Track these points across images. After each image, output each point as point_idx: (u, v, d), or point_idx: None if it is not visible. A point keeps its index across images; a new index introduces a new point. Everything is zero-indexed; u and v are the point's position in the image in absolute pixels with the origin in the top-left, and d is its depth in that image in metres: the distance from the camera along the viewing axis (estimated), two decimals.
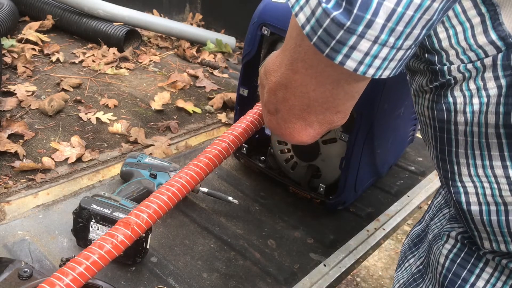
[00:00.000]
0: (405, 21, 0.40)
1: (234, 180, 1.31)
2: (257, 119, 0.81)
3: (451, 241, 0.62)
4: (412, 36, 0.42)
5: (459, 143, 0.53)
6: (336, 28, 0.41)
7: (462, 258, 0.60)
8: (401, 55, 0.43)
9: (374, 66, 0.43)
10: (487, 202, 0.53)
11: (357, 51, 0.42)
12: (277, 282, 0.99)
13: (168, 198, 0.71)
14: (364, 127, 1.06)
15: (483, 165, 0.52)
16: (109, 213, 0.93)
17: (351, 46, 0.42)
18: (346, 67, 0.43)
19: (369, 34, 0.41)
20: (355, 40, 0.41)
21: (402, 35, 0.41)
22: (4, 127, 1.33)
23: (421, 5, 0.40)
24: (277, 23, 1.08)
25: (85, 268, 0.62)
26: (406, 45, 0.43)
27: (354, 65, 0.43)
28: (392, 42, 0.42)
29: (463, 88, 0.50)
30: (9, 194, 1.12)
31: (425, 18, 0.41)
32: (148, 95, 1.71)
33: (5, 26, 1.83)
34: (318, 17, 0.42)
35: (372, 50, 0.42)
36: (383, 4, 0.39)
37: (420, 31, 0.42)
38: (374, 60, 0.43)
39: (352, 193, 1.19)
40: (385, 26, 0.41)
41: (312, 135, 0.56)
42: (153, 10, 2.45)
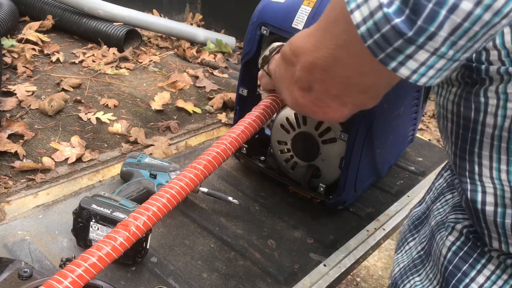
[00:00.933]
0: (469, 36, 0.40)
1: (234, 180, 1.31)
2: (256, 121, 0.82)
3: (455, 233, 0.62)
4: (471, 50, 0.42)
5: (483, 144, 0.52)
6: (395, 36, 0.40)
7: (465, 252, 0.60)
8: (455, 65, 0.43)
9: (428, 76, 0.43)
10: (504, 204, 0.52)
11: (413, 60, 0.41)
12: (277, 282, 0.99)
13: (167, 200, 0.71)
14: (364, 127, 1.06)
15: (507, 170, 0.50)
16: (109, 213, 0.93)
17: (408, 55, 0.41)
18: (399, 74, 0.43)
19: (429, 46, 0.40)
20: (413, 50, 0.41)
21: (463, 48, 0.41)
22: (4, 127, 1.33)
23: (489, 22, 0.39)
24: (276, 23, 1.08)
25: (84, 270, 0.62)
26: (463, 58, 0.42)
27: (407, 73, 0.43)
28: (451, 54, 0.41)
29: (499, 91, 0.48)
30: (9, 194, 1.12)
31: (489, 34, 0.40)
32: (148, 95, 1.71)
33: (5, 26, 1.84)
34: (377, 21, 0.40)
35: (429, 61, 0.41)
36: (449, 17, 0.38)
37: (480, 44, 0.41)
38: (428, 70, 0.42)
39: (352, 193, 1.19)
40: (447, 40, 0.40)
41: (345, 114, 0.56)
42: (153, 10, 2.45)
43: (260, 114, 0.83)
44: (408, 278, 0.70)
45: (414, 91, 1.25)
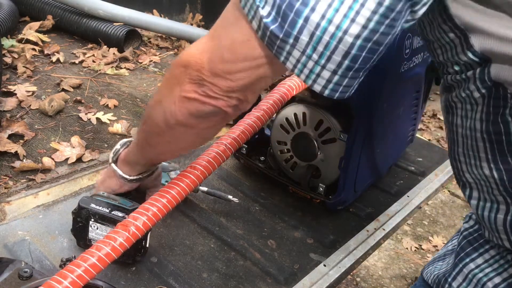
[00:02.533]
0: (323, 44, 0.50)
1: (234, 180, 1.31)
2: (255, 121, 0.82)
3: (471, 222, 0.70)
4: (333, 61, 0.51)
5: (458, 143, 0.59)
6: (275, 38, 0.53)
7: (473, 237, 0.67)
8: (327, 75, 0.52)
9: (304, 73, 0.53)
10: (484, 198, 0.59)
11: (292, 57, 0.53)
12: (277, 282, 0.99)
13: (167, 201, 0.71)
14: (363, 127, 1.06)
15: (475, 164, 0.57)
16: (107, 212, 0.93)
17: (288, 51, 0.53)
18: (286, 66, 0.55)
19: (299, 46, 0.51)
20: (289, 48, 0.52)
21: (323, 55, 0.51)
22: (4, 127, 1.33)
23: (334, 35, 0.49)
24: None
25: (84, 271, 0.62)
26: (330, 68, 0.51)
27: (291, 67, 0.54)
28: (315, 58, 0.51)
29: (458, 95, 0.56)
30: (9, 194, 1.12)
31: (341, 48, 0.49)
32: (148, 95, 1.71)
33: (5, 26, 1.84)
34: (263, 28, 0.53)
35: (302, 59, 0.52)
36: (306, 26, 0.50)
37: (341, 59, 0.50)
38: (303, 68, 0.53)
39: (351, 193, 1.19)
40: (309, 44, 0.50)
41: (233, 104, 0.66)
42: (153, 10, 2.45)
43: (259, 114, 0.84)
44: (433, 263, 0.78)
45: (413, 92, 1.25)
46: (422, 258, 2.26)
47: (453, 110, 0.58)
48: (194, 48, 0.64)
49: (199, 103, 0.63)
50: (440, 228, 2.51)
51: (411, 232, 2.46)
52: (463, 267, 0.67)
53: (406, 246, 2.34)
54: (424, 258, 2.26)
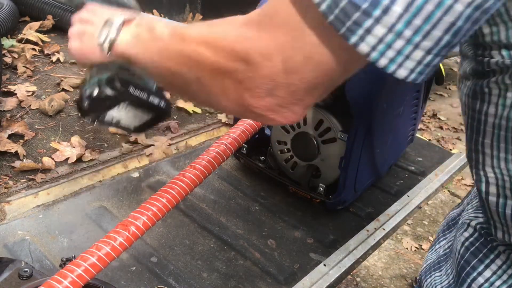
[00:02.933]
0: (423, 16, 0.39)
1: (234, 180, 1.31)
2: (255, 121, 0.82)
3: (470, 230, 0.65)
4: (431, 37, 0.41)
5: (486, 134, 0.54)
6: (352, 9, 0.41)
7: (476, 247, 0.63)
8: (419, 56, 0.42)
9: (387, 57, 0.42)
10: (505, 195, 0.55)
11: (371, 35, 0.41)
12: (277, 282, 0.99)
13: (167, 200, 0.71)
14: (363, 127, 1.06)
15: (505, 158, 0.53)
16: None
17: (367, 28, 0.41)
18: (359, 50, 0.42)
19: (385, 20, 0.40)
20: (371, 24, 0.40)
21: (420, 31, 0.40)
22: (4, 127, 1.33)
23: (441, 3, 0.39)
24: None
25: (84, 270, 0.62)
26: (425, 46, 0.41)
27: (367, 50, 0.42)
28: (408, 35, 0.41)
29: (499, 81, 0.50)
30: (9, 194, 1.12)
31: (446, 20, 0.39)
32: None
33: (5, 26, 1.84)
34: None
35: (387, 38, 0.41)
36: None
37: (441, 34, 0.41)
38: (387, 49, 0.41)
39: (351, 193, 1.19)
40: (402, 16, 0.40)
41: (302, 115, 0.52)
42: (153, 10, 2.45)
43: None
44: (430, 274, 0.73)
45: (413, 91, 1.25)
46: (422, 258, 2.26)
47: (485, 97, 0.52)
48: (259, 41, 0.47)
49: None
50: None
51: (411, 232, 2.46)
52: (472, 282, 0.63)
53: (406, 246, 2.34)
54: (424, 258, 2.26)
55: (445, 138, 3.51)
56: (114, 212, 1.13)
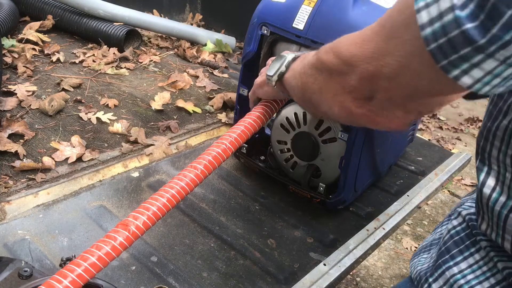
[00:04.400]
0: None
1: (234, 179, 1.31)
2: (256, 121, 0.82)
3: (460, 218, 0.65)
4: None
5: (501, 125, 0.52)
6: (464, 43, 0.36)
7: (460, 237, 0.63)
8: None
9: (492, 85, 0.38)
10: (501, 190, 0.53)
11: (479, 69, 0.37)
12: (277, 282, 1.00)
13: (167, 200, 0.71)
14: (364, 127, 1.06)
15: (510, 154, 0.52)
16: None
17: (474, 63, 0.37)
18: (460, 83, 0.39)
19: (501, 55, 0.36)
20: (481, 59, 0.36)
21: None
22: (4, 126, 1.33)
23: None
24: (277, 23, 1.08)
25: (84, 270, 0.62)
26: None
27: (469, 82, 0.38)
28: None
29: None
30: (9, 194, 1.12)
31: None
32: (148, 95, 1.71)
33: (5, 26, 1.84)
34: (446, 24, 0.36)
35: (497, 70, 0.37)
36: None
37: None
38: (494, 79, 0.38)
39: (352, 193, 1.19)
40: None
41: (410, 121, 0.53)
42: (153, 10, 2.45)
43: (260, 114, 0.83)
44: (419, 254, 0.74)
45: None
46: None
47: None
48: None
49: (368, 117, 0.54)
50: None
51: (411, 232, 2.46)
52: (446, 270, 0.63)
53: (406, 246, 2.34)
54: None
55: (445, 138, 3.51)
56: (114, 211, 1.13)
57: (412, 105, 0.49)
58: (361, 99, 0.52)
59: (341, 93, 0.54)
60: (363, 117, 0.54)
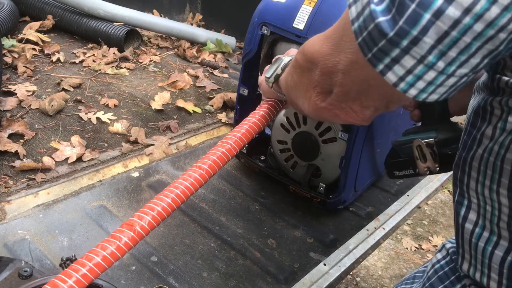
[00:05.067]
0: (459, 47, 0.37)
1: (235, 179, 1.31)
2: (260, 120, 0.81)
3: (444, 252, 0.62)
4: (468, 65, 0.38)
5: (476, 155, 0.50)
6: (379, 36, 0.39)
7: (445, 272, 0.60)
8: (453, 82, 0.40)
9: (417, 88, 0.40)
10: (483, 225, 0.50)
11: (399, 66, 0.39)
12: (277, 281, 1.00)
13: (172, 200, 0.71)
14: (364, 126, 1.06)
15: (490, 187, 0.49)
16: None
17: (394, 58, 0.39)
18: (386, 78, 0.41)
19: (415, 52, 0.38)
20: (398, 53, 0.38)
21: (455, 61, 0.38)
22: (4, 126, 1.33)
23: (481, 34, 0.36)
24: (277, 23, 1.08)
25: (88, 270, 0.62)
26: (461, 73, 0.39)
27: (394, 79, 0.40)
28: (441, 67, 0.38)
29: (503, 103, 0.47)
30: (10, 194, 1.12)
31: (487, 48, 0.37)
32: (148, 95, 1.71)
33: (5, 26, 1.84)
34: (366, 17, 0.39)
35: (416, 70, 0.39)
36: (435, 23, 0.36)
37: (480, 60, 0.38)
38: (417, 81, 0.39)
39: (352, 193, 1.19)
40: (435, 48, 0.37)
41: (368, 117, 0.54)
42: (153, 10, 2.45)
43: (264, 113, 0.83)
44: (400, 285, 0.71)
45: None
46: (422, 258, 2.26)
47: (486, 115, 0.48)
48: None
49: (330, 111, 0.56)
50: (440, 228, 2.51)
51: (411, 232, 2.46)
52: None
53: (406, 246, 2.34)
54: (424, 258, 2.26)
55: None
56: (114, 211, 1.13)
57: (367, 100, 0.51)
58: (323, 94, 0.55)
59: (309, 89, 0.57)
60: (325, 111, 0.57)
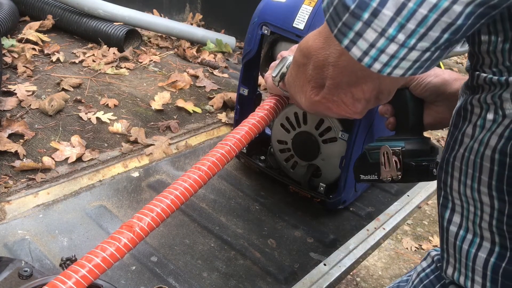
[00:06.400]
0: (417, 19, 0.38)
1: (235, 179, 1.31)
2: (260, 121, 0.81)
3: (429, 260, 0.62)
4: (428, 38, 0.39)
5: (457, 155, 0.50)
6: (343, 9, 0.40)
7: (430, 281, 0.59)
8: (415, 56, 0.41)
9: (381, 62, 0.41)
10: (467, 227, 0.50)
11: (362, 40, 0.40)
12: (277, 282, 0.99)
13: (171, 201, 0.71)
14: (364, 126, 1.06)
15: (472, 186, 0.48)
16: None
17: (357, 32, 0.40)
18: (351, 54, 0.42)
19: (376, 25, 0.39)
20: (361, 27, 0.40)
21: (415, 34, 0.39)
22: (4, 126, 1.33)
23: (437, 6, 0.37)
24: (277, 22, 1.08)
25: (88, 271, 0.62)
26: (422, 47, 0.40)
27: (359, 54, 0.42)
28: (402, 39, 0.39)
29: (481, 100, 0.47)
30: (9, 194, 1.12)
31: (444, 21, 0.38)
32: (148, 95, 1.71)
33: (5, 26, 1.84)
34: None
35: (379, 43, 0.40)
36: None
37: (440, 34, 0.39)
38: (380, 54, 0.41)
39: (352, 193, 1.19)
40: (394, 20, 0.38)
41: (360, 110, 0.55)
42: (153, 10, 2.45)
43: (264, 115, 0.83)
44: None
45: None
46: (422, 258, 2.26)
47: (467, 114, 0.49)
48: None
49: (323, 104, 0.58)
50: None
51: (411, 232, 2.46)
52: None
53: (406, 246, 2.33)
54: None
55: (445, 138, 3.51)
56: (114, 211, 1.13)
57: (358, 93, 0.52)
58: (317, 88, 0.56)
59: (305, 83, 0.59)
60: (319, 104, 0.58)
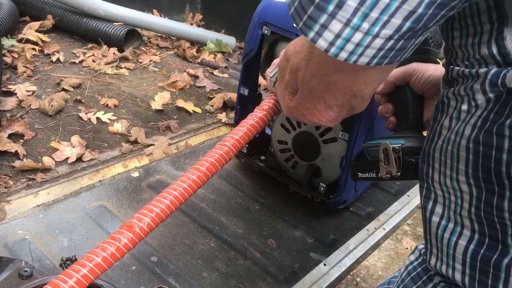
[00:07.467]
0: (380, 8, 0.39)
1: (235, 179, 1.31)
2: (258, 122, 0.81)
3: (416, 253, 0.62)
4: (391, 25, 0.41)
5: (437, 146, 0.51)
6: (307, 2, 0.41)
7: (417, 273, 0.60)
8: (380, 43, 0.42)
9: (347, 50, 0.42)
10: (448, 217, 0.51)
11: (328, 31, 0.42)
12: (277, 282, 0.99)
13: (170, 202, 0.71)
14: (365, 126, 1.06)
15: (451, 176, 0.49)
16: None
17: (322, 24, 0.41)
18: (317, 46, 0.43)
19: (340, 15, 0.40)
20: (326, 19, 0.41)
21: (378, 22, 0.40)
22: (4, 126, 1.33)
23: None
24: (277, 22, 1.08)
25: (89, 270, 0.62)
26: (385, 34, 0.41)
27: (325, 45, 0.43)
28: (366, 28, 0.41)
29: (456, 92, 0.49)
30: (10, 194, 1.12)
31: (405, 9, 0.39)
32: (148, 95, 1.71)
33: (5, 26, 1.84)
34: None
35: (344, 33, 0.41)
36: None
37: (402, 21, 0.40)
38: (346, 43, 0.42)
39: (352, 193, 1.19)
40: (358, 10, 0.40)
41: (333, 117, 0.56)
42: (153, 10, 2.45)
43: (262, 115, 0.83)
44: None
45: None
46: None
47: (444, 107, 0.51)
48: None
49: (298, 110, 0.59)
50: None
51: (411, 232, 2.46)
52: None
53: (406, 246, 2.34)
54: None
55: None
56: (114, 211, 1.13)
57: (330, 99, 0.53)
58: (293, 93, 0.57)
59: (283, 88, 0.59)
60: (294, 110, 0.59)
